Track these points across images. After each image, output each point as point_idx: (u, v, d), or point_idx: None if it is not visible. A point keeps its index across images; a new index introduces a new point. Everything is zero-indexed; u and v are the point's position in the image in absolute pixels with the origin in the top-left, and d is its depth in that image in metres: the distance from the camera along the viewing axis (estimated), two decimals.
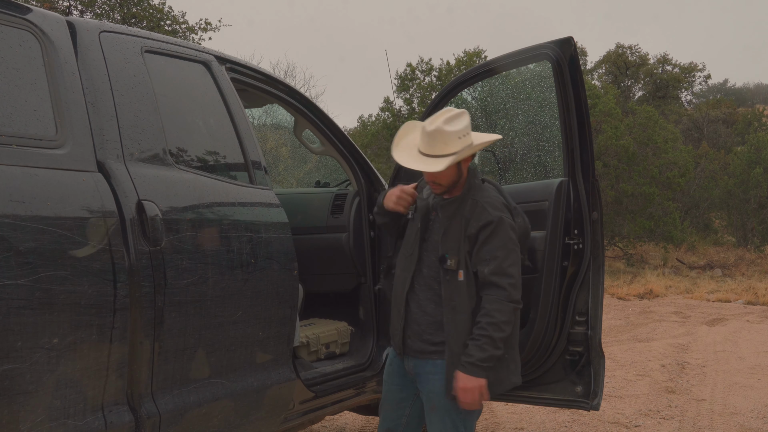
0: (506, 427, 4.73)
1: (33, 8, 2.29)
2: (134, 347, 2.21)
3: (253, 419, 2.71)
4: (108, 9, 12.69)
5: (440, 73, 20.14)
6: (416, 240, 2.73)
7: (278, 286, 2.76)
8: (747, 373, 6.40)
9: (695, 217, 20.85)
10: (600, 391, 3.21)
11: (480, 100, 14.74)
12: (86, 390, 2.08)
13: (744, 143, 22.94)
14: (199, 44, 3.98)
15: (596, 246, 3.26)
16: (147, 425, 2.25)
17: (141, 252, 2.23)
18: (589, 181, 3.27)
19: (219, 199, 2.60)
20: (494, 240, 2.57)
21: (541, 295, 3.22)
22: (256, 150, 2.92)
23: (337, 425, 4.83)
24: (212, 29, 13.48)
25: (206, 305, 2.44)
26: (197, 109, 2.81)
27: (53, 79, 2.21)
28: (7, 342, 1.85)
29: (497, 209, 2.62)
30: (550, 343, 3.27)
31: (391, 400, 2.86)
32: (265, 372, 2.75)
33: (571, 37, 3.23)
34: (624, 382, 6.05)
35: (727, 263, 17.00)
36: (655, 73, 28.80)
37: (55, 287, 1.96)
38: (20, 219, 1.91)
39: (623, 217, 16.61)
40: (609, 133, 16.09)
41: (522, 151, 12.98)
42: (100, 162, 2.25)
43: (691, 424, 4.78)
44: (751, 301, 11.70)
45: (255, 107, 4.01)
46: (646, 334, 8.56)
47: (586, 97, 3.27)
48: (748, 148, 19.90)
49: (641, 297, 12.44)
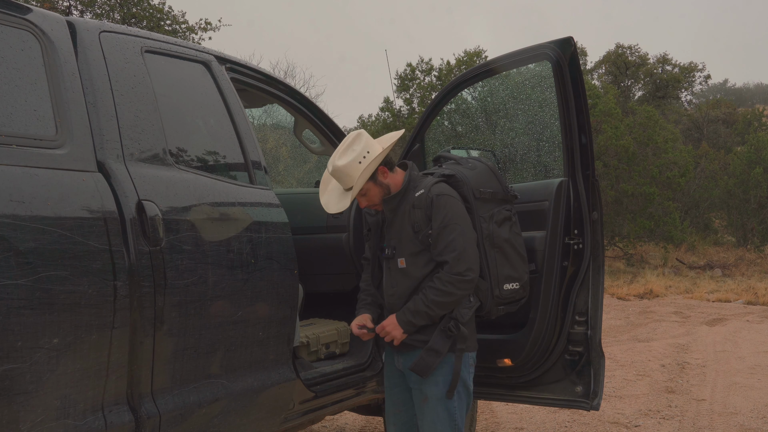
0: (506, 427, 4.73)
1: (33, 8, 2.29)
2: (134, 347, 2.21)
3: (253, 419, 2.71)
4: (108, 9, 12.69)
5: (440, 73, 20.15)
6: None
7: (278, 286, 2.76)
8: (747, 373, 6.40)
9: (695, 217, 20.85)
10: (600, 391, 3.21)
11: (480, 100, 14.74)
12: (86, 390, 2.08)
13: (744, 143, 22.94)
14: (199, 44, 3.98)
15: (596, 246, 3.26)
16: (147, 425, 2.25)
17: (141, 252, 2.23)
18: (589, 181, 3.27)
19: (219, 199, 2.60)
20: (435, 222, 2.71)
21: (541, 295, 3.22)
22: (256, 150, 2.92)
23: (337, 425, 4.83)
24: (212, 29, 13.49)
25: (206, 305, 2.44)
26: (197, 109, 2.81)
27: (53, 79, 2.21)
28: (7, 342, 1.85)
29: (429, 190, 2.74)
30: (550, 343, 3.26)
31: (396, 403, 2.89)
32: (265, 372, 2.75)
33: (571, 37, 3.23)
34: (624, 382, 6.05)
35: (727, 263, 17.00)
36: (655, 73, 28.79)
37: (55, 287, 1.96)
38: (20, 219, 1.91)
39: (623, 217, 16.61)
40: (609, 133, 16.09)
41: (522, 151, 12.97)
42: (100, 162, 2.25)
43: (691, 424, 4.78)
44: (751, 301, 11.70)
45: (255, 107, 4.01)
46: (646, 334, 8.57)
47: (586, 97, 3.27)
48: (748, 148, 19.90)
49: (641, 297, 12.45)
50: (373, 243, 2.96)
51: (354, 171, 2.70)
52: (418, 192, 2.75)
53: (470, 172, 2.93)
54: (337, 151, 2.76)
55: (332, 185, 2.89)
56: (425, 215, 2.71)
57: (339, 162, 2.71)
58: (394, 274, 2.81)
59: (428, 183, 2.78)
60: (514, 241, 2.93)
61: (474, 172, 2.94)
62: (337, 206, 2.79)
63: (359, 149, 2.71)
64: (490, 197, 2.92)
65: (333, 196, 2.83)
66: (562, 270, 3.25)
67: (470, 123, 14.91)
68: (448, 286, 2.66)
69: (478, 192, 2.88)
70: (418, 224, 2.73)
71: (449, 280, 2.66)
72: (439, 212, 2.69)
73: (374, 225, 2.93)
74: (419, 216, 2.72)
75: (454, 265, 2.66)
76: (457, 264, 2.66)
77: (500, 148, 12.93)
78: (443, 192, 2.75)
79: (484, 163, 3.01)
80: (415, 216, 2.73)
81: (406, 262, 2.77)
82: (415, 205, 2.74)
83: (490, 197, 2.91)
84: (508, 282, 2.88)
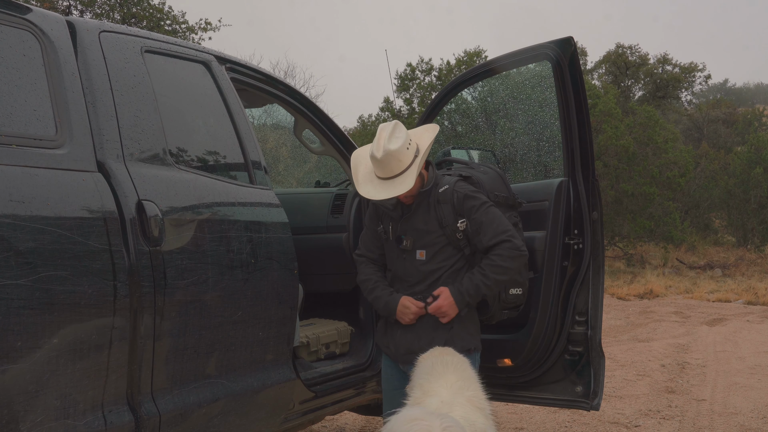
0: (506, 427, 4.72)
1: (33, 8, 2.29)
2: (134, 347, 2.21)
3: (253, 419, 2.71)
4: (108, 9, 12.69)
5: (440, 73, 20.15)
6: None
7: (278, 286, 2.76)
8: (747, 373, 6.40)
9: (695, 217, 20.85)
10: (600, 391, 3.21)
11: (480, 100, 14.73)
12: (86, 390, 2.08)
13: (744, 143, 22.94)
14: (199, 44, 3.98)
15: (596, 246, 3.26)
16: (147, 425, 2.25)
17: (141, 252, 2.23)
18: (589, 181, 3.27)
19: (219, 199, 2.60)
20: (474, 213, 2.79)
21: (541, 295, 3.22)
22: (256, 150, 2.92)
23: (337, 425, 4.83)
24: (212, 29, 13.49)
25: (206, 305, 2.44)
26: (197, 109, 2.81)
27: (53, 79, 2.21)
28: (7, 342, 1.85)
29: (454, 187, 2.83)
30: (550, 343, 3.27)
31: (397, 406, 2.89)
32: (265, 372, 2.75)
33: (571, 37, 3.23)
34: (624, 382, 6.05)
35: (727, 263, 17.00)
36: (655, 73, 28.76)
37: (55, 287, 1.96)
38: (20, 219, 1.91)
39: (623, 217, 16.60)
40: (609, 133, 16.08)
41: (522, 151, 12.97)
42: (100, 162, 2.25)
43: (691, 424, 4.78)
44: (751, 301, 11.70)
45: (255, 107, 4.01)
46: (646, 334, 8.56)
47: (586, 97, 3.28)
48: (748, 148, 19.90)
49: (641, 297, 12.44)
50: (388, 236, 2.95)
51: (404, 156, 2.71)
52: (442, 188, 2.84)
53: (484, 176, 3.03)
54: (381, 138, 2.71)
55: (362, 175, 2.84)
56: (453, 210, 2.80)
57: (391, 146, 2.69)
58: (412, 265, 2.87)
59: (451, 180, 2.87)
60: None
61: (487, 176, 3.05)
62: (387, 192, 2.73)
63: (404, 136, 2.73)
64: (503, 202, 3.02)
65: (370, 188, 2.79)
66: (562, 270, 3.25)
67: (470, 123, 14.90)
68: (510, 261, 2.74)
69: (493, 195, 2.97)
70: (446, 219, 2.81)
71: (511, 256, 2.74)
72: (475, 204, 2.79)
73: (396, 218, 2.91)
74: (446, 210, 2.81)
75: (514, 242, 2.75)
76: (515, 240, 2.76)
77: (500, 148, 12.92)
78: (470, 187, 2.86)
79: (493, 170, 3.11)
80: (441, 211, 2.81)
81: (427, 254, 2.84)
82: (440, 200, 2.82)
83: (502, 201, 3.02)
84: (513, 287, 2.98)
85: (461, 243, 2.84)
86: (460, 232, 2.81)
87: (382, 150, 2.68)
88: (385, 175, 2.73)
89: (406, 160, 2.71)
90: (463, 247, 2.85)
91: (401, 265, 2.91)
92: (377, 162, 2.72)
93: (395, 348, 2.92)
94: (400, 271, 2.92)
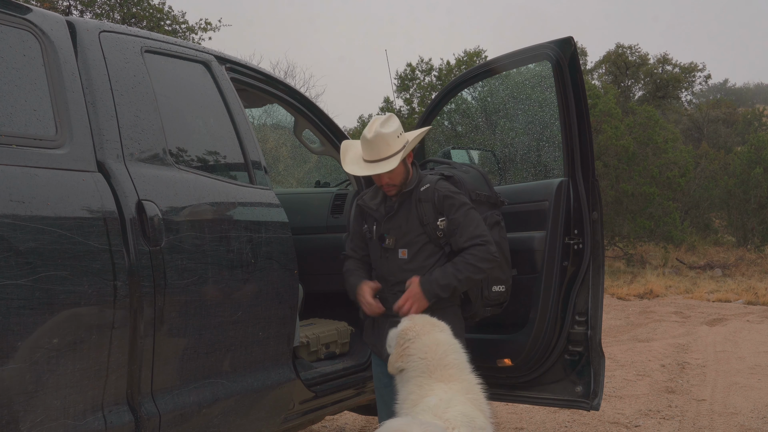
0: (506, 427, 4.72)
1: (33, 8, 2.29)
2: (134, 347, 2.21)
3: (253, 419, 2.71)
4: (108, 9, 12.68)
5: (440, 73, 20.15)
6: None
7: (278, 286, 2.76)
8: (747, 373, 6.40)
9: (695, 217, 20.85)
10: (600, 391, 3.21)
11: (480, 100, 14.73)
12: (86, 390, 2.08)
13: (744, 143, 22.94)
14: (199, 44, 3.98)
15: (596, 246, 3.26)
16: (147, 425, 2.25)
17: (141, 252, 2.23)
18: (589, 181, 3.27)
19: (219, 199, 2.60)
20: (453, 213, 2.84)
21: (541, 295, 3.22)
22: (256, 150, 2.92)
23: (337, 425, 4.83)
24: (212, 29, 13.48)
25: (206, 305, 2.44)
26: (197, 109, 2.81)
27: (53, 79, 2.21)
28: (7, 342, 1.85)
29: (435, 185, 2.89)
30: (550, 343, 3.26)
31: (387, 402, 2.89)
32: (265, 372, 2.75)
33: (571, 37, 3.23)
34: (624, 382, 6.05)
35: (727, 263, 16.99)
36: (655, 73, 28.77)
37: (55, 287, 1.96)
38: (20, 219, 1.91)
39: (623, 217, 16.60)
40: (609, 133, 16.08)
41: (522, 151, 12.97)
42: (100, 162, 2.25)
43: (691, 424, 4.78)
44: (751, 301, 11.70)
45: (255, 107, 4.01)
46: (646, 334, 8.56)
47: (586, 97, 3.28)
48: (748, 148, 19.90)
49: (641, 297, 12.44)
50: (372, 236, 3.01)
51: (393, 142, 2.81)
52: (424, 187, 2.89)
53: (465, 176, 3.09)
54: (374, 123, 2.84)
55: (351, 156, 2.95)
56: (433, 208, 2.85)
57: (383, 129, 2.80)
58: (394, 263, 2.91)
59: (433, 179, 2.92)
60: (502, 244, 3.07)
61: (468, 176, 3.12)
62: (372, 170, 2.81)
63: (396, 126, 2.85)
64: (485, 200, 3.09)
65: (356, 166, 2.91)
66: (562, 270, 3.25)
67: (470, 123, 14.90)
68: (484, 263, 2.80)
69: (474, 194, 3.04)
70: (426, 217, 2.86)
71: (486, 258, 2.80)
72: (455, 204, 2.84)
73: (379, 218, 2.97)
74: (427, 209, 2.85)
75: (487, 247, 2.80)
76: (489, 246, 2.81)
77: (500, 148, 12.92)
78: (451, 187, 2.91)
79: (475, 169, 3.18)
80: (422, 209, 2.86)
81: (408, 253, 2.88)
82: (421, 198, 2.87)
83: (484, 200, 3.09)
84: (495, 284, 3.04)
85: (441, 241, 2.89)
86: (441, 231, 2.86)
87: (373, 131, 2.80)
88: (372, 157, 2.82)
89: (394, 145, 2.80)
90: (444, 245, 2.91)
91: (384, 264, 2.95)
92: (367, 142, 2.82)
93: (381, 346, 2.93)
94: (383, 270, 2.96)
